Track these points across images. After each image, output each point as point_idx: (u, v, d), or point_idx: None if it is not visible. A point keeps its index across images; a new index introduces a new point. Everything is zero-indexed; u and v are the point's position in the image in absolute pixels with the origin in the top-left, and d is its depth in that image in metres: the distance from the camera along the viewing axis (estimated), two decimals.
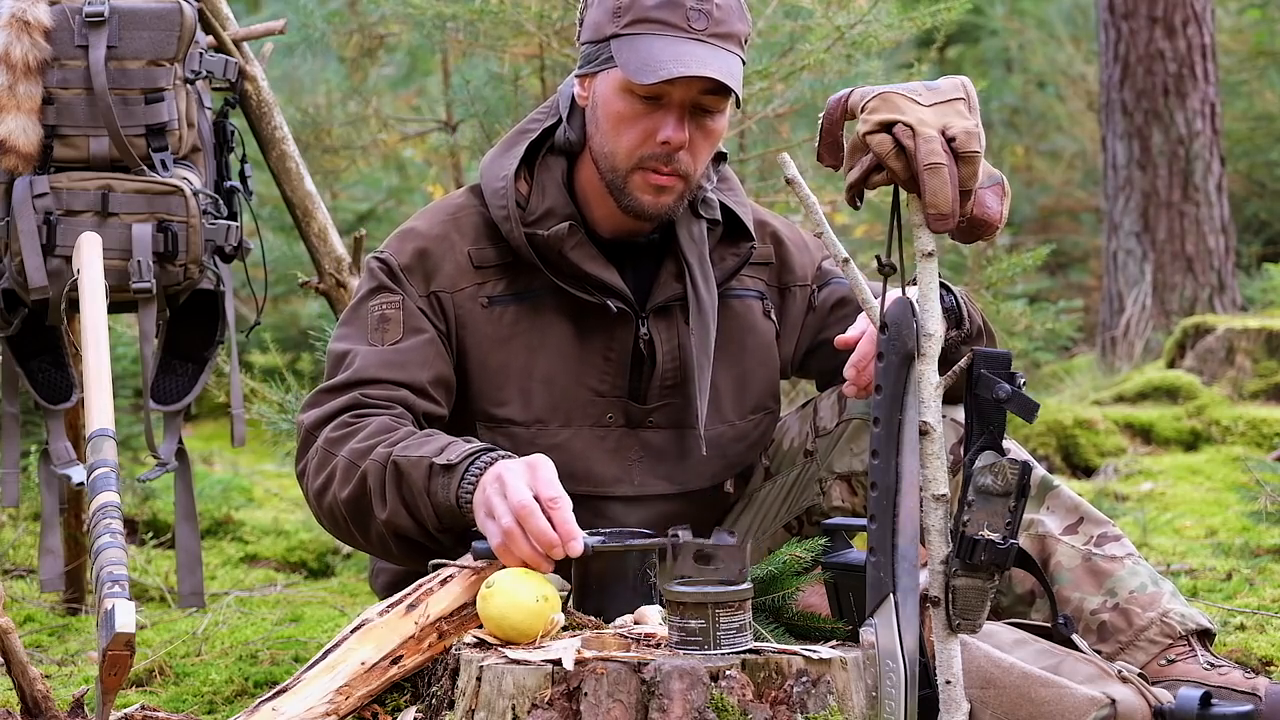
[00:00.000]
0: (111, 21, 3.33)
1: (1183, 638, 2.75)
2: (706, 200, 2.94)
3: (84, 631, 3.88)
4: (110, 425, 2.96)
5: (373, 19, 6.02)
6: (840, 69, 4.74)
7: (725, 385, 2.98)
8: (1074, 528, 2.84)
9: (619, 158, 2.82)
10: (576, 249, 2.85)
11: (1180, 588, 3.78)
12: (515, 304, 2.89)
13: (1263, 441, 5.71)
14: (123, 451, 4.90)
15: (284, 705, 2.43)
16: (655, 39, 2.76)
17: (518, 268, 2.89)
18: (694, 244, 2.92)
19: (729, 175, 3.03)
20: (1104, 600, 2.78)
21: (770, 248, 3.05)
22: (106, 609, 2.51)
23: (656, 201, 2.83)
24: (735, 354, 2.99)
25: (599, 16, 2.82)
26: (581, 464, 2.89)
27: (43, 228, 3.32)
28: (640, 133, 2.80)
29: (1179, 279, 7.77)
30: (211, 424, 7.39)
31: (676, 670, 2.30)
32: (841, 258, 2.39)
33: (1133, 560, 2.82)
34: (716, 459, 2.97)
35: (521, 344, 2.89)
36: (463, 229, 2.91)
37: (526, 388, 2.88)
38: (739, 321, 3.00)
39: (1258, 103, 9.42)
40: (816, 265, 3.09)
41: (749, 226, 2.97)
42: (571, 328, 2.89)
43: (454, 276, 2.89)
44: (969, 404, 2.34)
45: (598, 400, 2.91)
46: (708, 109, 2.80)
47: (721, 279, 2.96)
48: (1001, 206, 2.39)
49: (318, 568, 4.91)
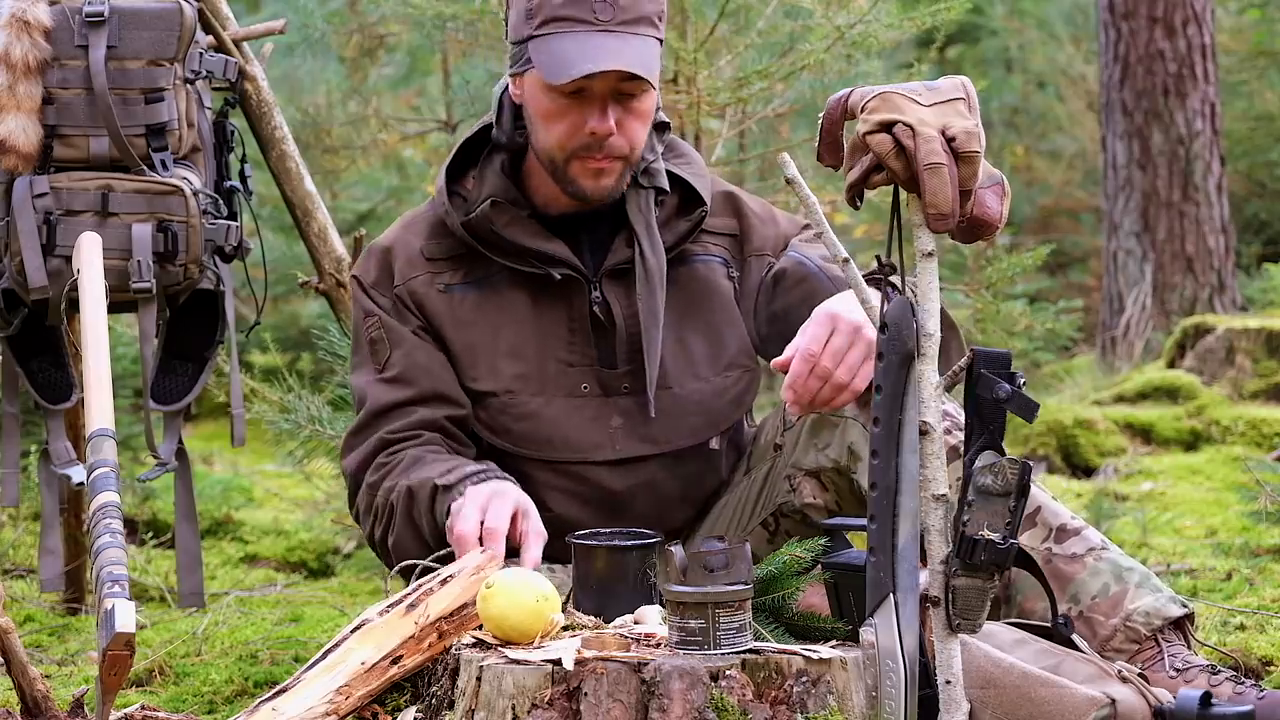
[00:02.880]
0: (111, 21, 3.33)
1: (1150, 638, 2.74)
2: (650, 170, 3.02)
3: (84, 631, 3.88)
4: (110, 425, 2.96)
5: (373, 19, 6.02)
6: (840, 69, 4.74)
7: (698, 344, 3.03)
8: (1030, 521, 2.78)
9: (554, 151, 2.94)
10: (510, 225, 2.98)
11: (1180, 588, 3.77)
12: (474, 290, 3.02)
13: (1263, 441, 5.70)
14: (123, 451, 4.90)
15: (284, 705, 2.43)
16: (565, 37, 2.86)
17: (472, 258, 3.02)
18: (640, 213, 3.01)
19: (678, 145, 3.12)
20: (1068, 608, 2.75)
21: (734, 220, 3.11)
22: (106, 609, 2.51)
23: (598, 185, 2.94)
24: (703, 314, 3.05)
25: (516, 19, 2.94)
26: (559, 432, 2.99)
27: (43, 228, 3.32)
28: (568, 126, 2.91)
29: (1179, 279, 7.77)
30: (211, 424, 7.39)
31: (676, 670, 2.30)
32: (841, 258, 2.39)
33: (1094, 556, 2.78)
34: (697, 416, 3.03)
35: (484, 324, 3.01)
36: (416, 230, 3.08)
37: (493, 362, 3.00)
38: (703, 284, 3.06)
39: (1258, 103, 9.42)
40: (784, 239, 3.12)
41: (701, 193, 3.05)
42: (530, 302, 3.00)
43: (405, 270, 3.04)
44: (969, 404, 2.34)
45: (569, 371, 3.00)
46: (630, 94, 2.90)
47: (674, 242, 3.03)
48: (1001, 206, 2.39)
49: (318, 568, 4.91)
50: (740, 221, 3.10)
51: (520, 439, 2.99)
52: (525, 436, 2.99)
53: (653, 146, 3.02)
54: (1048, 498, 2.83)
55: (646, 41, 2.88)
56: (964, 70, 10.60)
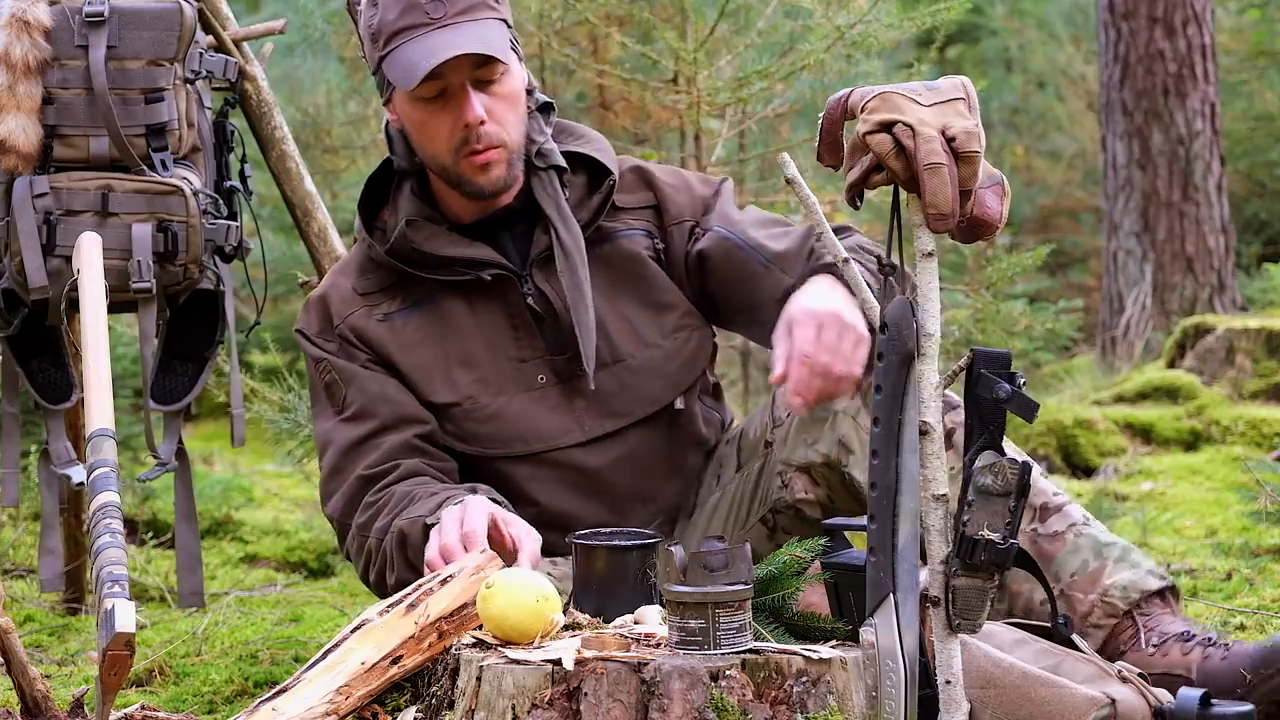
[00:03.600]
0: (111, 21, 3.33)
1: (1127, 613, 2.75)
2: (542, 153, 3.04)
3: (84, 631, 3.88)
4: (110, 425, 2.96)
5: None
6: (840, 69, 4.74)
7: (638, 315, 3.06)
8: None
9: (441, 157, 2.97)
10: (430, 240, 3.01)
11: (1180, 588, 3.77)
12: (414, 313, 3.05)
13: (1263, 441, 5.70)
14: (123, 451, 4.90)
15: (284, 705, 2.43)
16: (407, 45, 2.90)
17: (404, 283, 3.06)
18: (548, 196, 3.03)
19: (572, 127, 3.15)
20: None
21: (649, 193, 3.12)
22: (106, 609, 2.51)
23: (489, 177, 2.97)
24: (636, 285, 3.07)
25: (368, 50, 2.99)
26: (527, 426, 3.01)
27: (43, 228, 3.31)
28: (444, 126, 2.94)
29: (1179, 279, 7.77)
30: (211, 424, 7.38)
31: (676, 670, 2.30)
32: (841, 258, 2.39)
33: (1074, 533, 2.81)
34: (655, 381, 3.06)
35: (430, 342, 3.03)
36: (346, 271, 3.13)
37: (447, 374, 3.02)
38: (629, 257, 3.08)
39: (1258, 103, 9.42)
40: (701, 202, 3.12)
41: (607, 164, 3.06)
42: (468, 309, 3.03)
43: (341, 310, 3.08)
44: (969, 404, 2.34)
45: (523, 366, 3.02)
46: (488, 79, 2.92)
47: (589, 218, 3.05)
48: (1001, 206, 2.39)
49: (318, 568, 4.91)
50: (655, 193, 3.12)
51: (490, 441, 3.02)
52: (494, 437, 3.02)
53: (542, 129, 3.05)
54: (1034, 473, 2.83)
55: (485, 24, 2.91)
56: (964, 70, 10.61)
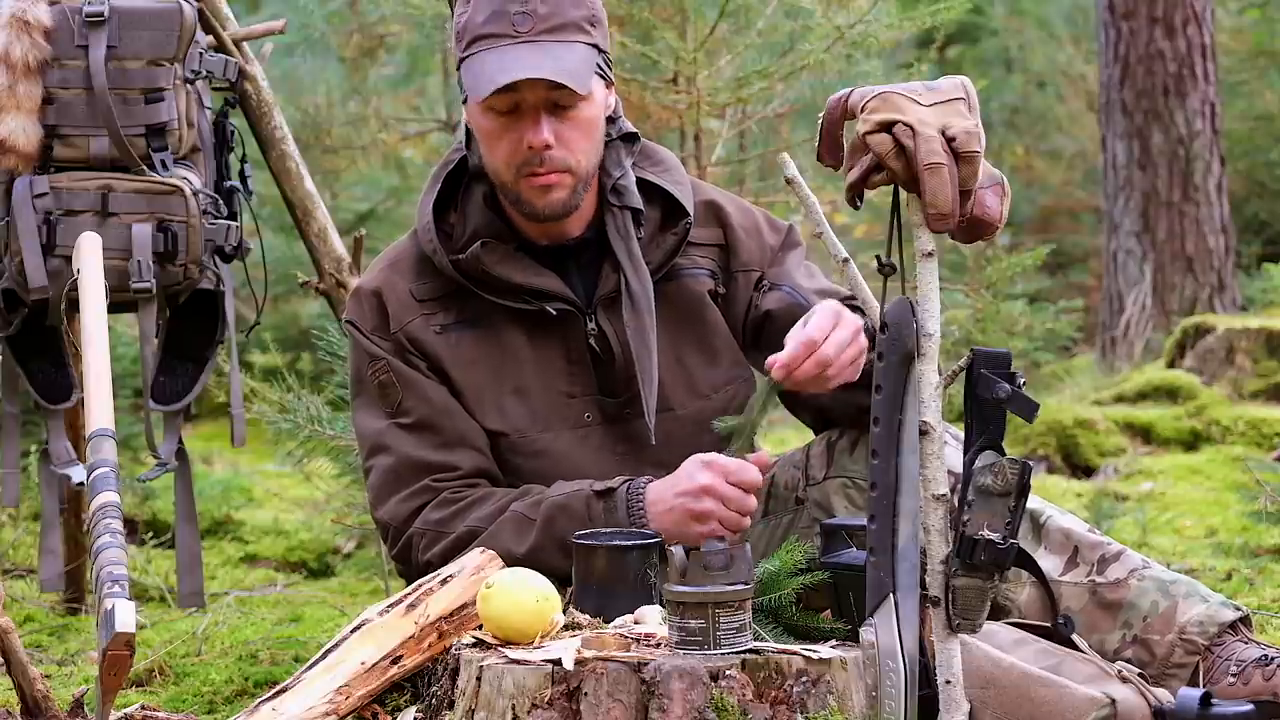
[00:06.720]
0: (111, 21, 3.33)
1: (1208, 647, 2.70)
2: (618, 189, 2.95)
3: (84, 631, 3.88)
4: (110, 425, 2.96)
5: (373, 19, 6.03)
6: (840, 69, 4.74)
7: (695, 361, 2.99)
8: (1072, 560, 2.77)
9: (501, 172, 2.88)
10: (501, 263, 2.90)
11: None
12: (470, 330, 2.95)
13: (1263, 441, 5.71)
14: (123, 451, 4.90)
15: (284, 705, 2.43)
16: (489, 54, 2.81)
17: (462, 296, 2.95)
18: (620, 237, 2.94)
19: (654, 151, 3.04)
20: (1122, 635, 2.73)
21: (719, 230, 3.04)
22: (106, 609, 2.51)
23: (548, 200, 2.87)
24: (696, 328, 3.00)
25: (456, 47, 2.89)
26: (570, 465, 2.92)
27: (43, 228, 3.32)
28: (510, 144, 2.84)
29: (1179, 279, 7.77)
30: (211, 424, 7.38)
31: (676, 670, 2.30)
32: (841, 258, 2.39)
33: (1136, 578, 2.75)
34: (701, 434, 2.95)
35: (485, 364, 2.94)
36: (401, 270, 2.98)
37: (499, 402, 2.94)
38: (695, 299, 3.00)
39: (1258, 103, 9.42)
40: (770, 250, 3.05)
41: (683, 204, 2.97)
42: (526, 338, 2.94)
43: (400, 314, 2.95)
44: (969, 404, 2.34)
45: (571, 402, 2.94)
46: (564, 105, 2.83)
47: (662, 260, 2.97)
48: (1001, 206, 2.39)
49: (318, 568, 4.91)
50: (726, 232, 3.04)
51: (530, 476, 2.93)
52: (536, 473, 2.92)
53: (619, 162, 2.96)
54: (1083, 530, 2.81)
55: (572, 48, 2.82)
56: (964, 70, 10.60)
